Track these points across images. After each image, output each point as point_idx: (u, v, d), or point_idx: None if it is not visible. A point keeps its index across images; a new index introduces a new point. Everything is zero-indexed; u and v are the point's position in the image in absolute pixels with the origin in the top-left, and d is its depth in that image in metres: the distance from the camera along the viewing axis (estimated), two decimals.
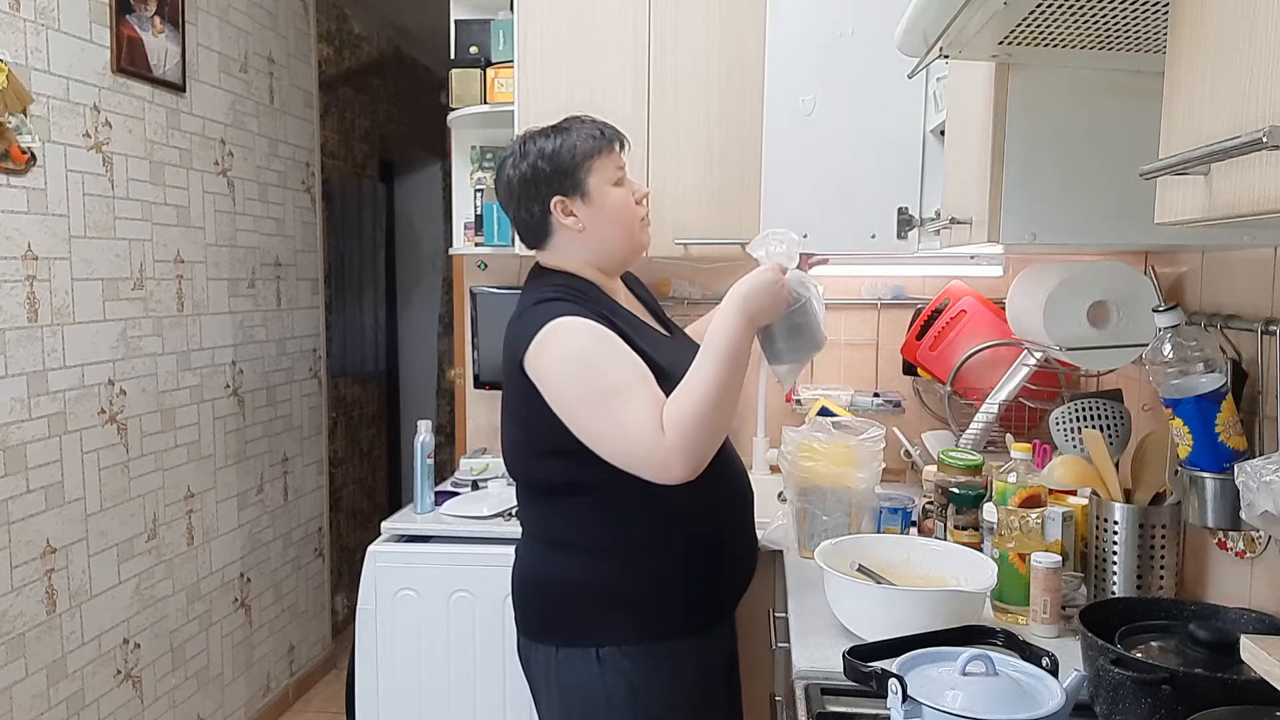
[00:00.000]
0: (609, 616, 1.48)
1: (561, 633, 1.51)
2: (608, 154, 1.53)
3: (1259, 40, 0.66)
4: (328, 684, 3.52)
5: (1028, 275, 1.78)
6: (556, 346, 1.39)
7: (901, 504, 1.88)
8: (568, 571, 1.50)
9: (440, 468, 2.41)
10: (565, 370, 1.39)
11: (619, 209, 1.53)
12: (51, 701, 2.18)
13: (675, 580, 1.50)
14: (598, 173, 1.51)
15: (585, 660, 1.47)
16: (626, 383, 1.36)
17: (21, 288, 2.08)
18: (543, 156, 1.51)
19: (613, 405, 1.35)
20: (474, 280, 2.80)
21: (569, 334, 1.39)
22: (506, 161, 1.55)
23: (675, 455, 1.32)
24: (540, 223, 1.54)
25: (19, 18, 2.05)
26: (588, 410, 1.37)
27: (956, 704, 0.99)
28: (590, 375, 1.38)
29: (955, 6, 1.07)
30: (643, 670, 1.47)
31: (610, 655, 1.46)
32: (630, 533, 1.47)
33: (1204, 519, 1.27)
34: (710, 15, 2.29)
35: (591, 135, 1.52)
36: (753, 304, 1.41)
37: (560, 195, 1.51)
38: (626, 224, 1.54)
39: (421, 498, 2.28)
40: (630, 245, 1.57)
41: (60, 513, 2.20)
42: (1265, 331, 1.29)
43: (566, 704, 1.50)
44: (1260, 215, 0.68)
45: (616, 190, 1.53)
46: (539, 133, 1.54)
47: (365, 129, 4.15)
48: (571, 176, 1.50)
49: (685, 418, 1.32)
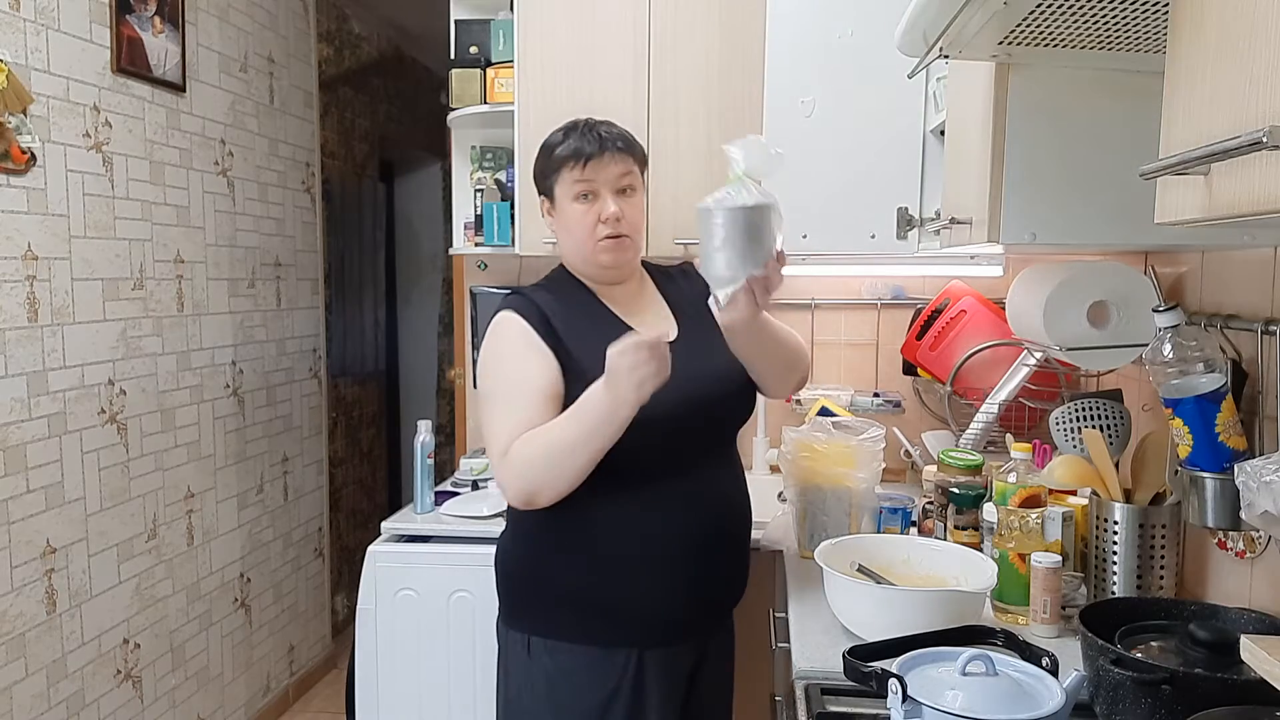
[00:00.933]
0: (538, 607, 1.52)
1: (505, 613, 1.58)
2: (575, 168, 1.50)
3: (1259, 40, 0.66)
4: (328, 684, 3.52)
5: (1028, 275, 1.78)
6: (487, 341, 1.52)
7: (901, 504, 1.88)
8: (514, 555, 1.57)
9: (440, 468, 2.41)
10: (483, 363, 1.52)
11: (574, 224, 1.52)
12: (51, 701, 2.18)
13: (597, 588, 1.48)
14: (561, 185, 1.53)
15: (520, 644, 1.53)
16: (501, 393, 1.46)
17: (21, 288, 2.08)
18: (539, 154, 1.58)
19: (487, 407, 1.47)
20: (474, 280, 2.80)
21: (494, 329, 1.51)
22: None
23: (507, 480, 1.41)
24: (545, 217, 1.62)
25: (19, 18, 2.05)
26: (481, 405, 1.51)
27: (956, 704, 0.99)
28: (484, 373, 1.50)
29: (955, 6, 1.07)
30: (560, 667, 1.49)
31: (538, 645, 1.51)
32: (565, 530, 1.48)
33: (1204, 519, 1.27)
34: (710, 15, 2.29)
35: (573, 145, 1.51)
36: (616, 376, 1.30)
37: (543, 195, 1.59)
38: (579, 240, 1.52)
39: (421, 498, 2.28)
40: (585, 260, 1.54)
41: (60, 513, 2.20)
42: (1265, 331, 1.29)
43: (506, 683, 1.57)
44: (1260, 215, 0.68)
45: (573, 206, 1.52)
46: (558, 128, 1.58)
47: (365, 129, 4.15)
48: (546, 181, 1.57)
49: (525, 452, 1.38)
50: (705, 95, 2.31)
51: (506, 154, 2.61)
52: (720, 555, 1.54)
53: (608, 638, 1.49)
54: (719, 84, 2.30)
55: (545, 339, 1.46)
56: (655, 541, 1.47)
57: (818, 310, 2.62)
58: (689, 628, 1.55)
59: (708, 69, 2.30)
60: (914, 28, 1.20)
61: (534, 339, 1.46)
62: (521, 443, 1.38)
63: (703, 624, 1.57)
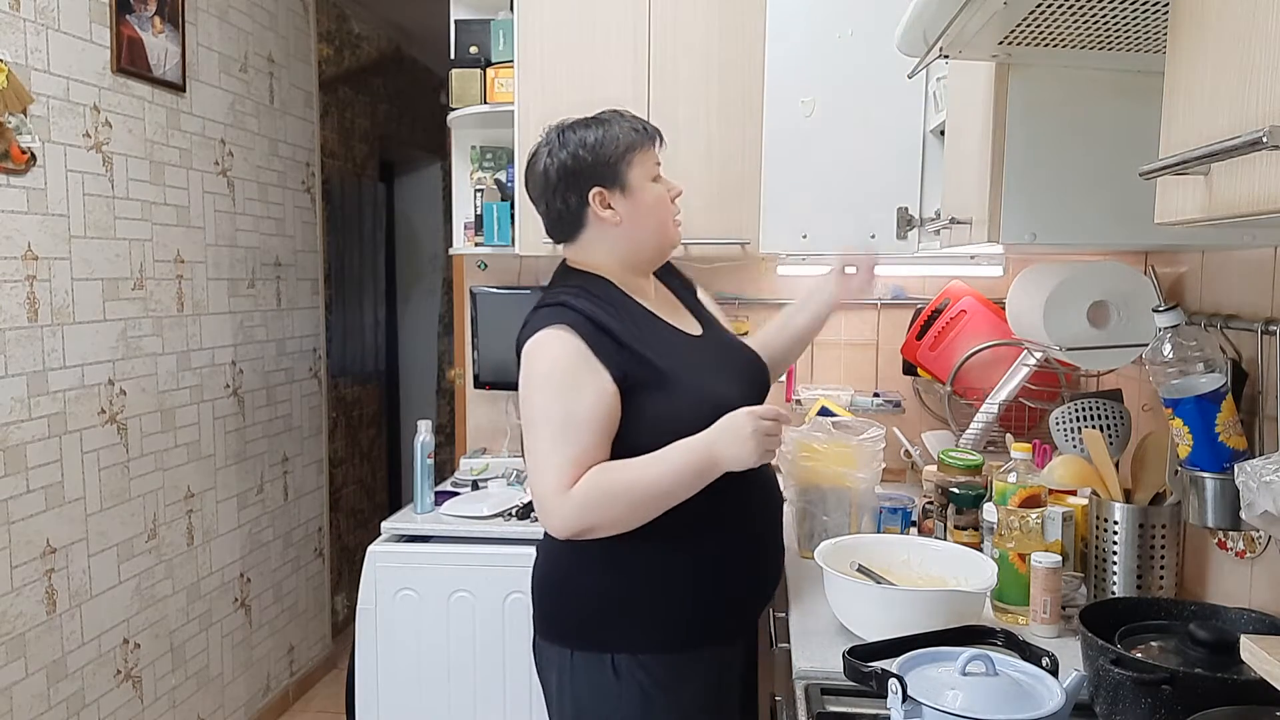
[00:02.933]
0: (626, 624, 1.45)
1: (578, 636, 1.48)
2: (648, 149, 1.52)
3: (1259, 40, 0.66)
4: (328, 684, 3.52)
5: (1028, 275, 1.78)
6: (530, 363, 1.42)
7: (901, 504, 1.88)
8: (589, 576, 1.47)
9: (440, 468, 2.41)
10: (525, 382, 1.42)
11: (657, 204, 1.52)
12: (51, 701, 2.18)
13: (693, 592, 1.46)
14: (638, 166, 1.50)
15: (600, 665, 1.45)
16: (556, 422, 1.37)
17: (21, 288, 2.08)
18: (584, 146, 1.48)
19: (539, 433, 1.38)
20: (474, 280, 2.80)
21: (543, 349, 1.41)
22: (541, 151, 1.52)
23: (562, 517, 1.36)
24: (575, 214, 1.51)
25: (19, 18, 2.05)
26: (527, 428, 1.40)
27: (956, 704, 0.99)
28: (532, 395, 1.40)
29: (955, 6, 1.07)
30: (655, 679, 1.44)
31: (624, 662, 1.44)
32: (648, 541, 1.42)
33: (1204, 519, 1.27)
34: (710, 15, 2.29)
35: (634, 129, 1.51)
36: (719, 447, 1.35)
37: (600, 186, 1.48)
38: (662, 219, 1.53)
39: (421, 498, 2.28)
40: (662, 241, 1.55)
41: (60, 513, 2.20)
42: (1265, 331, 1.29)
43: (579, 707, 1.48)
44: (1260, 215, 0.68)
45: (654, 185, 1.52)
46: (578, 123, 1.51)
47: (365, 129, 4.15)
48: (613, 168, 1.48)
49: (596, 493, 1.35)
50: (705, 95, 2.31)
51: (506, 154, 2.61)
52: (779, 543, 1.59)
53: (698, 640, 1.48)
54: (719, 84, 2.30)
55: (606, 354, 1.39)
56: (739, 538, 1.48)
57: None
58: (752, 619, 1.60)
59: (707, 69, 2.30)
60: (914, 28, 1.20)
61: (592, 360, 1.38)
62: (592, 482, 1.35)
63: (759, 614, 1.62)
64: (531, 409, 1.40)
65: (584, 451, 1.36)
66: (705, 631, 1.49)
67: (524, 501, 2.26)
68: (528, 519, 2.22)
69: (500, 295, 2.63)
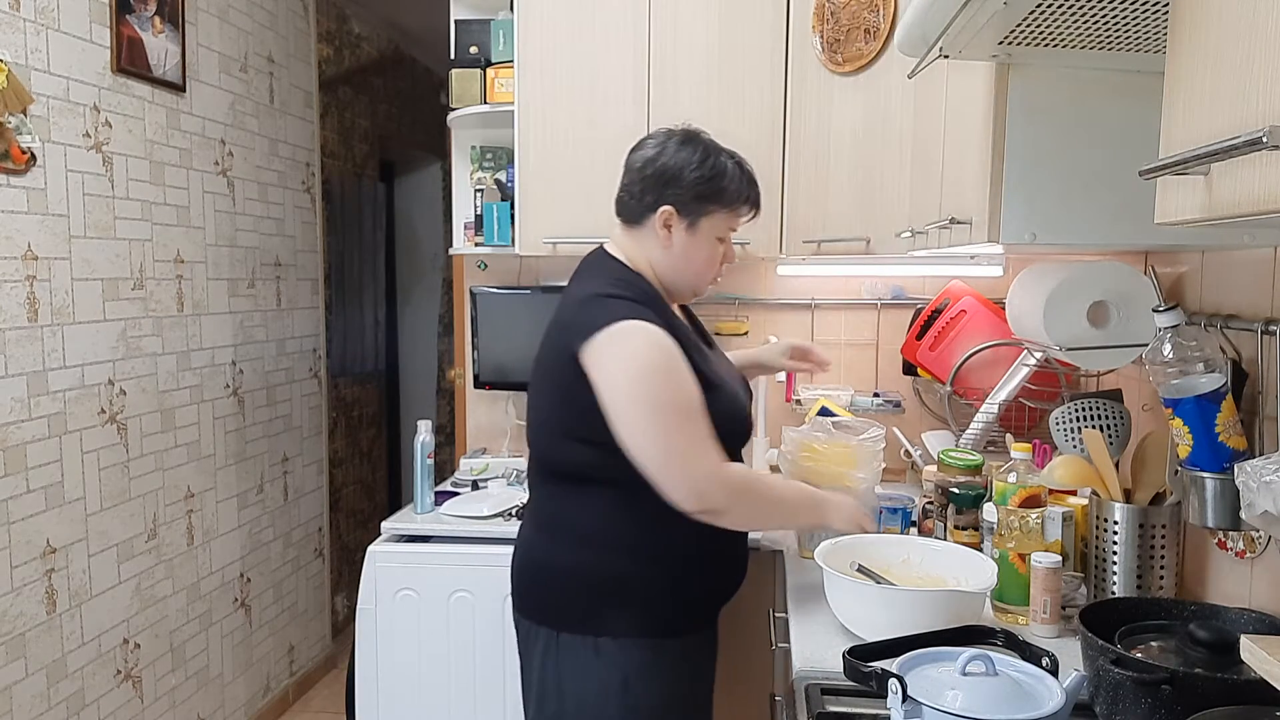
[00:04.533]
0: (612, 608, 1.49)
1: (562, 618, 1.53)
2: (737, 212, 1.57)
3: (1259, 40, 0.66)
4: (328, 684, 3.52)
5: (1028, 275, 1.78)
6: (629, 346, 1.41)
7: (901, 504, 1.88)
8: (576, 561, 1.52)
9: (440, 468, 2.41)
10: (633, 372, 1.40)
11: (707, 259, 1.57)
12: (51, 701, 2.18)
13: (677, 578, 1.52)
14: (717, 218, 1.54)
15: (583, 647, 1.50)
16: (693, 406, 1.42)
17: (21, 288, 2.08)
18: (690, 165, 1.51)
19: (680, 421, 1.40)
20: (474, 280, 2.80)
21: (646, 338, 1.41)
22: (660, 139, 1.55)
23: (724, 491, 1.41)
24: (641, 211, 1.55)
25: (19, 18, 2.05)
26: (650, 417, 1.39)
27: (956, 704, 0.99)
28: (660, 386, 1.40)
29: (955, 6, 1.07)
30: (636, 663, 1.49)
31: (607, 646, 1.49)
32: (643, 528, 1.49)
33: (1204, 519, 1.27)
34: (710, 15, 2.29)
35: (740, 187, 1.54)
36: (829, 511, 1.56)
37: (674, 209, 1.52)
38: (701, 273, 1.58)
39: (421, 498, 2.28)
40: (690, 288, 1.61)
41: (60, 513, 2.20)
42: (1265, 331, 1.29)
43: (560, 688, 1.53)
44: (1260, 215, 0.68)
45: (715, 243, 1.57)
46: (707, 143, 1.54)
47: (365, 129, 4.15)
48: (695, 204, 1.52)
49: (754, 482, 1.50)
50: (705, 95, 2.31)
51: (506, 154, 2.61)
52: (746, 545, 1.64)
53: (679, 628, 1.54)
54: (719, 83, 2.30)
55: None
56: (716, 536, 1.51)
57: (818, 310, 2.63)
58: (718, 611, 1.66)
59: (708, 69, 2.30)
60: (914, 28, 1.20)
61: (677, 348, 1.45)
62: (744, 474, 1.47)
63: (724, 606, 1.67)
64: (661, 395, 1.40)
65: (710, 437, 1.43)
66: (683, 618, 1.54)
67: (524, 501, 2.26)
68: None
69: (500, 295, 2.63)
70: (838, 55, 2.07)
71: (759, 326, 2.65)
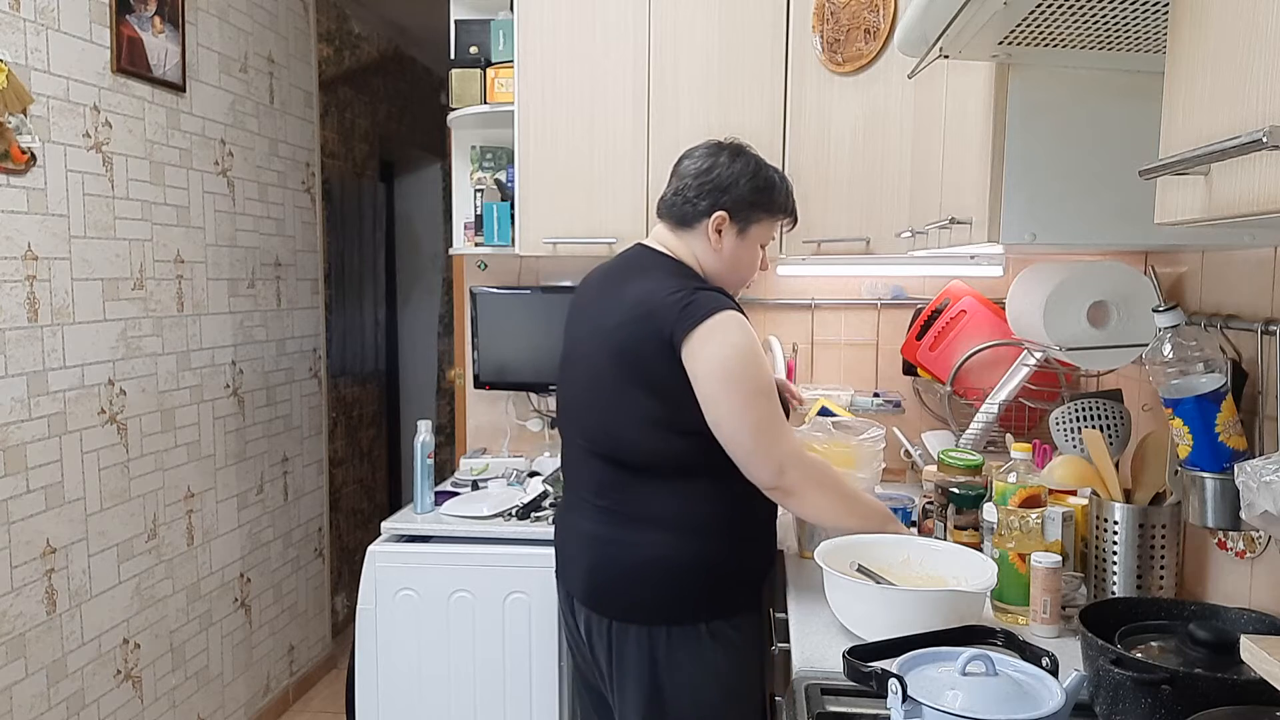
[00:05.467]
0: (722, 592, 1.58)
1: (674, 612, 1.57)
2: (779, 221, 1.70)
3: (1259, 40, 0.66)
4: (328, 684, 3.52)
5: (1028, 275, 1.78)
6: (730, 335, 1.50)
7: (901, 504, 1.88)
8: (682, 554, 1.56)
9: (440, 468, 2.41)
10: (733, 360, 1.49)
11: (750, 262, 1.69)
12: (51, 701, 2.18)
13: (758, 556, 1.66)
14: (764, 226, 1.66)
15: (695, 636, 1.56)
16: (774, 389, 1.55)
17: (21, 288, 2.08)
18: (746, 177, 1.62)
19: (769, 403, 1.52)
20: (474, 280, 2.80)
21: (740, 328, 1.51)
22: (716, 150, 1.65)
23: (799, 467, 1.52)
24: (694, 215, 1.63)
25: (19, 18, 2.05)
26: (745, 401, 1.49)
27: (956, 704, 0.99)
28: (756, 371, 1.51)
29: (955, 6, 1.07)
30: (746, 640, 1.60)
31: (720, 629, 1.57)
32: (738, 511, 1.59)
33: (1204, 519, 1.27)
34: (711, 14, 2.29)
35: (786, 199, 1.68)
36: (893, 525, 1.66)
37: (728, 214, 1.62)
38: (743, 275, 1.70)
39: (421, 498, 2.28)
40: (728, 284, 1.68)
41: (60, 513, 2.20)
42: (1265, 331, 1.29)
43: (674, 679, 1.56)
44: (1260, 215, 0.68)
45: (758, 250, 1.69)
46: (758, 159, 1.66)
47: (365, 129, 4.15)
48: (749, 213, 1.63)
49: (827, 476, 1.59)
50: (705, 95, 2.31)
51: (506, 154, 2.61)
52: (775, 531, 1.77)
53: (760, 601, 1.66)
54: (719, 83, 2.30)
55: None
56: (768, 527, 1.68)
57: (818, 310, 2.63)
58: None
59: (708, 69, 2.30)
60: (914, 28, 1.20)
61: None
62: (824, 464, 1.61)
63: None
64: (756, 380, 1.51)
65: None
66: (756, 595, 1.66)
67: (524, 501, 2.26)
68: (527, 519, 2.22)
69: (500, 295, 2.63)
70: (838, 55, 2.07)
71: (759, 326, 2.65)
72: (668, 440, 1.53)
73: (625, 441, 1.56)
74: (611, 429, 1.57)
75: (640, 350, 1.51)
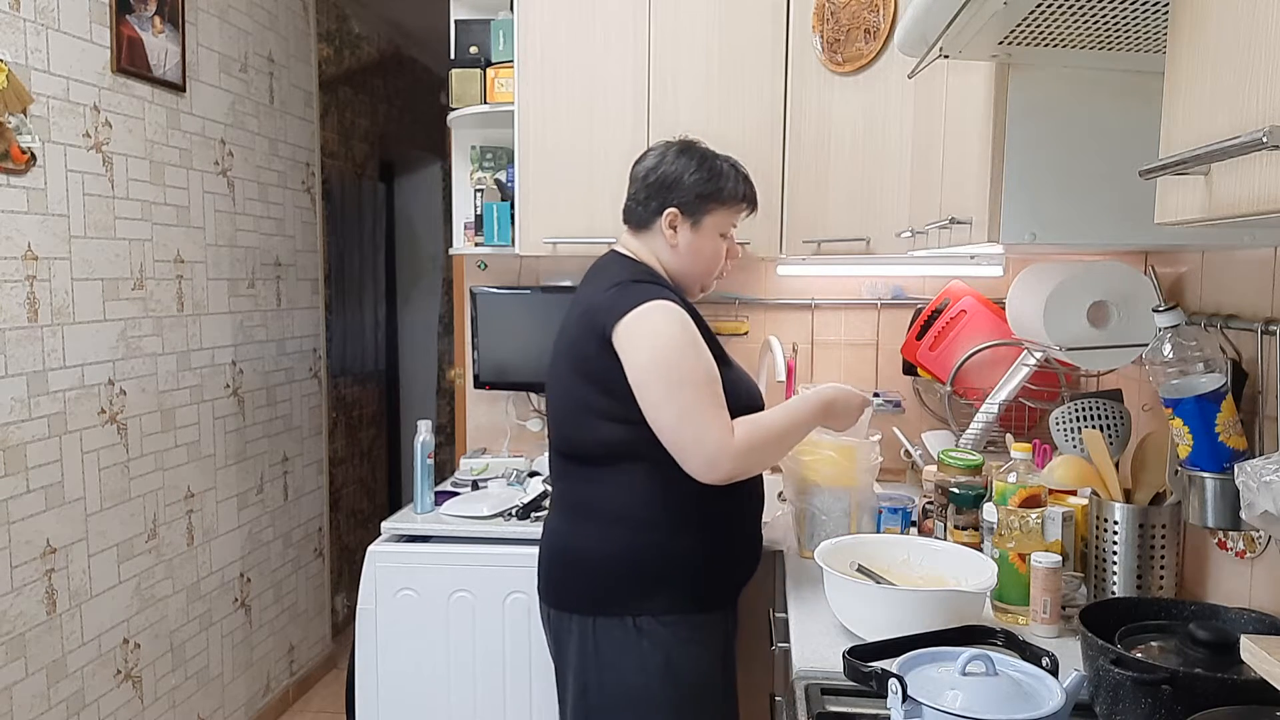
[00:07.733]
0: (652, 586, 1.55)
1: (601, 603, 1.57)
2: (736, 209, 1.68)
3: (1259, 40, 0.66)
4: (328, 684, 3.52)
5: (1028, 275, 1.78)
6: (654, 324, 1.50)
7: (901, 504, 1.88)
8: (615, 541, 1.57)
9: (440, 468, 2.41)
10: (658, 348, 1.49)
11: (712, 255, 1.68)
12: (51, 701, 2.18)
13: (711, 553, 1.59)
14: (718, 216, 1.65)
15: (623, 630, 1.54)
16: (708, 379, 1.51)
17: (21, 288, 2.08)
18: (689, 172, 1.62)
19: (695, 394, 1.48)
20: (474, 280, 2.80)
21: (667, 316, 1.51)
22: (660, 150, 1.67)
23: (731, 458, 1.47)
24: (648, 215, 1.65)
25: (19, 18, 2.05)
26: (667, 391, 1.48)
27: (956, 704, 0.99)
28: (679, 360, 1.49)
29: (955, 6, 1.07)
30: (680, 639, 1.55)
31: (648, 625, 1.54)
32: (679, 503, 1.55)
33: (1204, 519, 1.27)
34: (710, 14, 2.29)
35: (737, 186, 1.66)
36: (835, 409, 1.64)
37: (679, 210, 1.63)
38: (707, 268, 1.69)
39: (421, 498, 2.28)
40: (696, 284, 1.71)
41: (60, 513, 2.20)
42: (1265, 331, 1.29)
43: (602, 676, 1.56)
44: (1260, 215, 0.68)
45: (719, 239, 1.68)
46: (702, 150, 1.66)
47: (365, 129, 4.15)
48: (697, 204, 1.63)
49: (756, 435, 1.51)
50: (706, 95, 2.31)
51: (506, 154, 2.61)
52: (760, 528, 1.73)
53: (713, 603, 1.61)
54: (719, 84, 2.30)
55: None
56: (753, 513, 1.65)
57: (818, 310, 2.63)
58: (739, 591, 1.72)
59: (708, 69, 2.30)
60: (914, 28, 1.20)
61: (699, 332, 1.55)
62: (747, 432, 1.50)
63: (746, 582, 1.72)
64: (680, 369, 1.49)
65: (724, 409, 1.51)
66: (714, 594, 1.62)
67: (524, 501, 2.26)
68: (527, 519, 2.22)
69: (500, 295, 2.63)
70: (838, 55, 2.07)
71: (759, 326, 2.65)
72: (611, 430, 1.55)
73: (574, 434, 1.61)
74: (564, 424, 1.62)
75: (586, 347, 1.55)
